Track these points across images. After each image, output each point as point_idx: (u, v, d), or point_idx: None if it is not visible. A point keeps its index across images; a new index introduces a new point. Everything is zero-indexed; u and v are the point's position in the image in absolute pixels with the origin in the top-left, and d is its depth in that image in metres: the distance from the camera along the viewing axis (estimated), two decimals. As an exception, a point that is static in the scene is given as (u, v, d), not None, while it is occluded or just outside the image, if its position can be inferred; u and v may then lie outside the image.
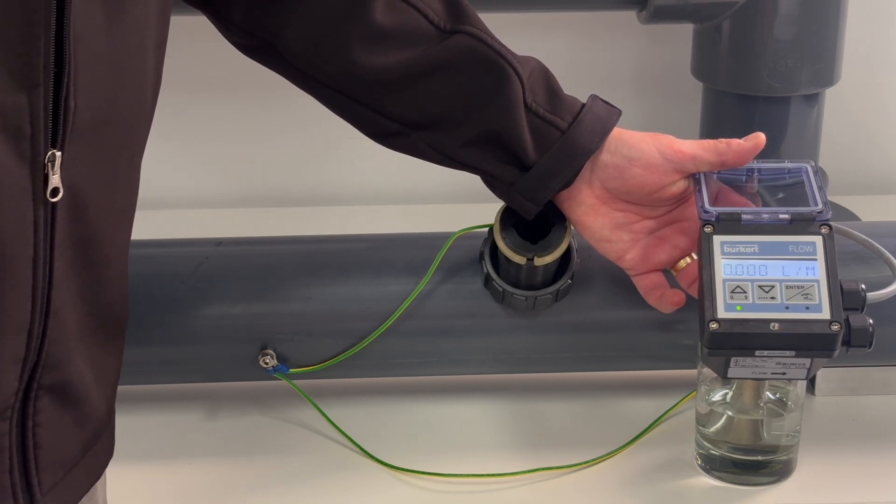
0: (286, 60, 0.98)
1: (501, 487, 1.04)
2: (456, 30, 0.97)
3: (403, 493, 1.04)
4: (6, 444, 0.74)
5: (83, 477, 0.82)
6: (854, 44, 1.43)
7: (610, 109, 1.00)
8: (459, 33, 0.97)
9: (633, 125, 1.02)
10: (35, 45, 0.67)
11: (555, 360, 1.11)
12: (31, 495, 0.76)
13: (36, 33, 0.67)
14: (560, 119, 0.98)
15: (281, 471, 1.07)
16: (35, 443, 0.76)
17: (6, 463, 0.75)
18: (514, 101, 0.97)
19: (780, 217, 0.95)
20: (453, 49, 0.96)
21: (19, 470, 0.76)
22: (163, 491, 1.04)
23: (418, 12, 0.96)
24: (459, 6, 0.98)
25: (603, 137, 0.98)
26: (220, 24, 0.99)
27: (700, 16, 1.38)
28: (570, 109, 0.99)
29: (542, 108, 0.98)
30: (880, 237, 1.02)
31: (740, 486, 1.04)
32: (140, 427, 1.12)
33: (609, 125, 0.99)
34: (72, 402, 0.78)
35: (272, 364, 1.08)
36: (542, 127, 0.98)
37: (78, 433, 0.80)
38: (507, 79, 0.97)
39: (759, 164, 1.00)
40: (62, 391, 0.77)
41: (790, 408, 1.04)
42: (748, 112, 1.38)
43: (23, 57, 0.67)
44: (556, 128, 0.98)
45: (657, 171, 0.98)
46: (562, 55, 1.54)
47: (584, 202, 1.01)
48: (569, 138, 0.98)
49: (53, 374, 0.75)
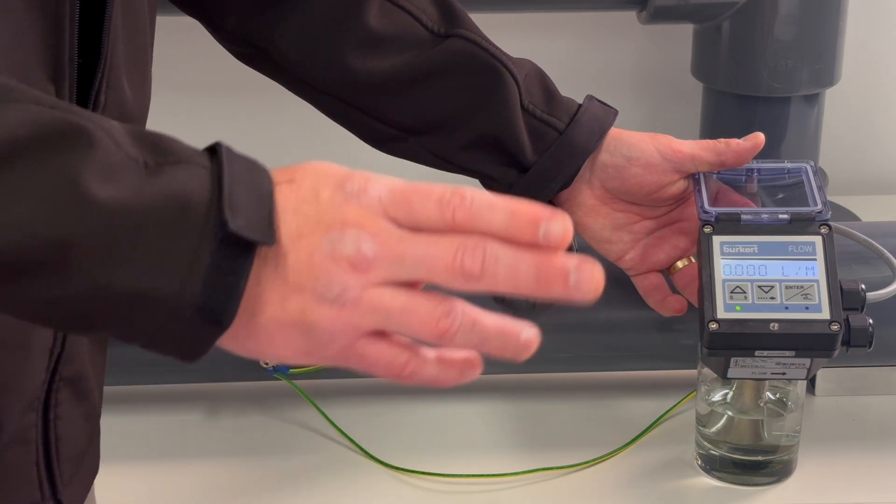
0: (281, 67, 0.98)
1: (501, 487, 1.04)
2: (450, 34, 0.97)
3: (403, 493, 1.04)
4: (32, 436, 0.75)
5: (89, 472, 0.83)
6: (854, 44, 1.42)
7: (606, 109, 1.00)
8: (453, 37, 0.97)
9: (633, 125, 1.02)
10: (62, 37, 0.67)
11: (555, 360, 1.11)
12: (53, 487, 0.77)
13: (62, 25, 0.67)
14: (557, 119, 0.98)
15: (281, 471, 1.07)
16: (56, 435, 0.76)
17: (33, 455, 0.75)
18: (510, 103, 0.97)
19: (779, 217, 0.95)
20: (448, 53, 0.96)
21: (44, 462, 0.76)
22: (163, 491, 1.04)
23: (412, 17, 0.96)
24: (452, 10, 0.97)
25: (601, 137, 0.98)
26: (215, 32, 0.99)
27: (700, 16, 1.37)
28: (567, 110, 0.99)
29: (538, 109, 0.98)
30: (880, 237, 1.02)
31: (740, 486, 1.04)
32: (140, 427, 1.12)
33: (606, 124, 0.99)
34: (83, 395, 0.79)
35: (272, 364, 1.08)
36: (539, 128, 0.98)
37: (85, 427, 0.81)
38: (502, 81, 0.97)
39: (759, 165, 1.00)
40: (77, 384, 0.77)
41: (790, 408, 1.04)
42: (748, 112, 1.38)
43: (50, 49, 0.67)
44: (554, 128, 0.98)
45: (656, 171, 0.98)
46: (562, 55, 1.54)
47: (584, 203, 1.01)
48: (567, 138, 0.98)
49: (72, 366, 0.76)
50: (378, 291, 0.58)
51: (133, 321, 0.57)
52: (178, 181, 0.57)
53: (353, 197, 0.59)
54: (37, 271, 0.55)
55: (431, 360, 0.61)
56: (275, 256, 0.58)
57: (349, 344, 0.59)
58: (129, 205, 0.56)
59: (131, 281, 0.56)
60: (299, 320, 0.58)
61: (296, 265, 0.58)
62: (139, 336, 0.58)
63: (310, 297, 0.58)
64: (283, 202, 0.59)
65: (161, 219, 0.56)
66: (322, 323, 0.58)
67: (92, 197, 0.55)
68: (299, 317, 0.58)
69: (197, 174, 0.57)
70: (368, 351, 0.59)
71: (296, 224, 0.58)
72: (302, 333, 0.58)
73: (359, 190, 0.59)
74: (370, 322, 0.58)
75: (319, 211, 0.58)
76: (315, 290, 0.57)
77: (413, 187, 0.59)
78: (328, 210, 0.58)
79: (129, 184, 0.56)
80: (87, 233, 0.55)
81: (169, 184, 0.57)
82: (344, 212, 0.58)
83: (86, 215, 0.55)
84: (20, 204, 0.55)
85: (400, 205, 0.58)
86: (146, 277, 0.56)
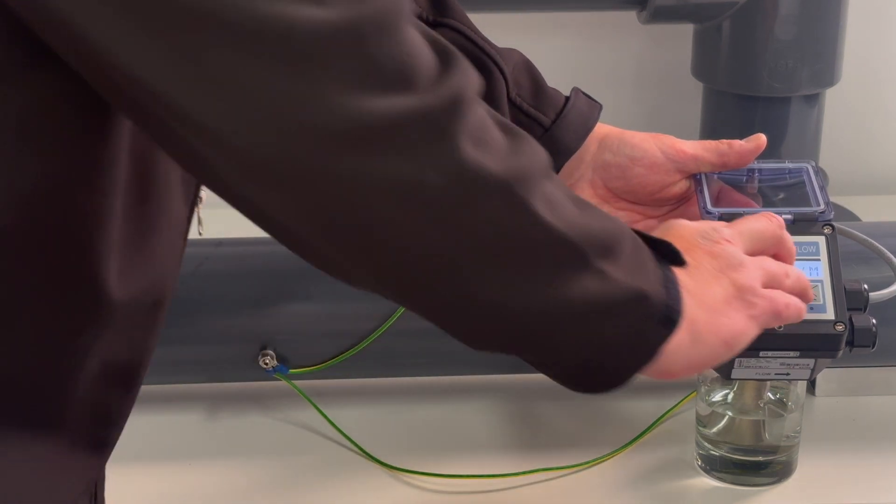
0: None
1: (501, 487, 1.04)
2: (439, 23, 0.96)
3: (403, 494, 1.04)
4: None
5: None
6: (854, 44, 1.42)
7: (591, 104, 1.00)
8: (442, 27, 0.96)
9: (634, 125, 1.02)
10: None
11: (555, 360, 1.11)
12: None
13: None
14: (543, 115, 0.98)
15: (281, 471, 1.07)
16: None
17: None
18: (496, 97, 0.96)
19: (782, 217, 0.95)
20: None
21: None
22: (163, 491, 1.04)
23: None
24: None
25: (584, 136, 0.98)
26: None
27: (700, 16, 1.37)
28: (554, 104, 0.98)
29: (525, 103, 0.97)
30: (881, 237, 1.02)
31: (740, 486, 1.04)
32: (140, 427, 1.11)
33: (591, 122, 0.99)
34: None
35: (272, 364, 1.08)
36: (525, 122, 0.97)
37: None
38: (488, 74, 0.96)
39: (760, 165, 1.00)
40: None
41: (790, 408, 1.04)
42: (748, 112, 1.38)
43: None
44: (539, 124, 0.98)
45: (659, 171, 0.98)
46: (562, 55, 1.54)
47: (587, 203, 1.00)
48: (551, 136, 0.98)
49: None
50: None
51: (625, 318, 0.73)
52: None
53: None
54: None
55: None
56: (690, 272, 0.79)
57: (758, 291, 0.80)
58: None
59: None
60: (732, 288, 0.79)
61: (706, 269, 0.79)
62: (618, 337, 0.73)
63: (728, 273, 0.79)
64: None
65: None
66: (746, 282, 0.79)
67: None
68: (732, 286, 0.79)
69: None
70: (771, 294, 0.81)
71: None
72: (738, 297, 0.79)
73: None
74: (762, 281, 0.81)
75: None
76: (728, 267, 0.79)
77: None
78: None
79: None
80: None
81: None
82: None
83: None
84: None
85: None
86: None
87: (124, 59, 0.59)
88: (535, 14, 1.52)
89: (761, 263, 0.82)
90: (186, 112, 0.60)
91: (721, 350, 0.78)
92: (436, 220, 0.65)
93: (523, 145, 0.69)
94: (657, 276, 0.74)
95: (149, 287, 0.73)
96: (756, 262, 0.82)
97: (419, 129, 0.63)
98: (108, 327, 0.71)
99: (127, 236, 0.69)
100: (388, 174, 0.63)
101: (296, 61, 0.60)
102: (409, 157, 0.63)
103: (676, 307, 0.75)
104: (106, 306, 0.70)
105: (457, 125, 0.64)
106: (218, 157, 0.62)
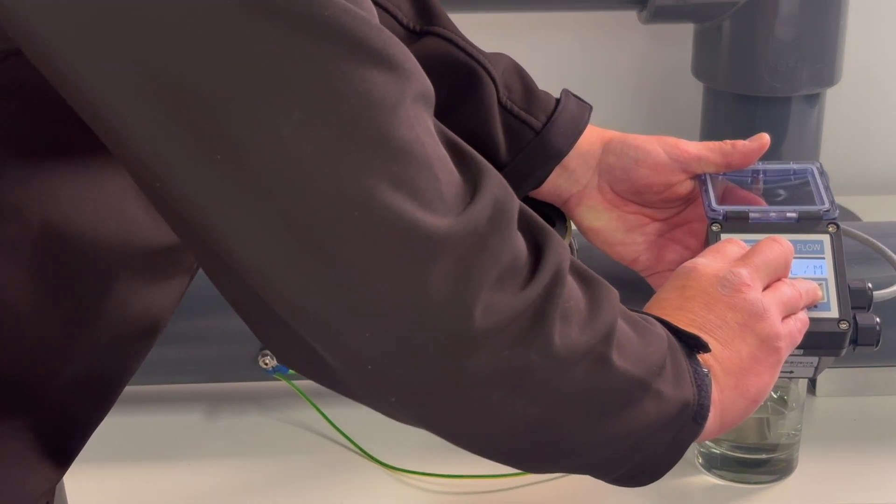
0: None
1: (501, 487, 1.04)
2: (426, 31, 0.96)
3: (403, 494, 1.04)
4: None
5: None
6: (854, 44, 1.42)
7: (582, 106, 0.99)
8: (429, 35, 0.96)
9: (634, 125, 1.02)
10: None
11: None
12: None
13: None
14: (534, 119, 0.97)
15: (281, 471, 1.07)
16: None
17: None
18: (485, 102, 0.96)
19: (787, 216, 0.95)
20: (423, 52, 0.94)
21: None
22: (163, 491, 1.04)
23: (387, 13, 0.95)
24: (428, 6, 0.96)
25: (576, 138, 0.98)
26: None
27: (700, 16, 1.37)
28: (545, 107, 0.98)
29: (517, 107, 0.97)
30: (882, 237, 1.02)
31: (741, 484, 1.04)
32: (140, 427, 1.11)
33: (582, 124, 0.98)
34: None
35: (272, 364, 1.08)
36: (515, 126, 0.97)
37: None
38: (478, 81, 0.96)
39: (764, 166, 1.00)
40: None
41: (791, 406, 1.04)
42: (749, 112, 1.38)
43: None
44: (530, 127, 0.97)
45: (664, 171, 0.98)
46: (563, 55, 1.54)
47: (595, 207, 1.00)
48: (542, 140, 0.97)
49: None
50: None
51: (671, 428, 0.75)
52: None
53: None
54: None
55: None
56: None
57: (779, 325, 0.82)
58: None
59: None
60: (757, 341, 0.81)
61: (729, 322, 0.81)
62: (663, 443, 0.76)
63: (752, 325, 0.81)
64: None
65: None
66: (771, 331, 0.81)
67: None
68: (756, 339, 0.81)
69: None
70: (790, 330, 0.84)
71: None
72: (763, 348, 0.81)
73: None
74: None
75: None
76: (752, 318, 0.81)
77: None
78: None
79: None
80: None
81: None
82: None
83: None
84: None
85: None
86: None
87: (252, 254, 0.65)
88: (536, 14, 1.52)
89: (780, 298, 0.84)
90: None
91: (748, 408, 0.81)
92: (532, 394, 0.69)
93: (601, 300, 0.72)
94: (690, 376, 0.77)
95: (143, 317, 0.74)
96: (775, 298, 0.83)
97: (529, 319, 0.67)
98: (94, 347, 0.71)
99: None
100: (500, 367, 0.67)
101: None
102: (517, 351, 0.67)
103: (707, 402, 0.77)
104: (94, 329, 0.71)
105: (553, 307, 0.68)
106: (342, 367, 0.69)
